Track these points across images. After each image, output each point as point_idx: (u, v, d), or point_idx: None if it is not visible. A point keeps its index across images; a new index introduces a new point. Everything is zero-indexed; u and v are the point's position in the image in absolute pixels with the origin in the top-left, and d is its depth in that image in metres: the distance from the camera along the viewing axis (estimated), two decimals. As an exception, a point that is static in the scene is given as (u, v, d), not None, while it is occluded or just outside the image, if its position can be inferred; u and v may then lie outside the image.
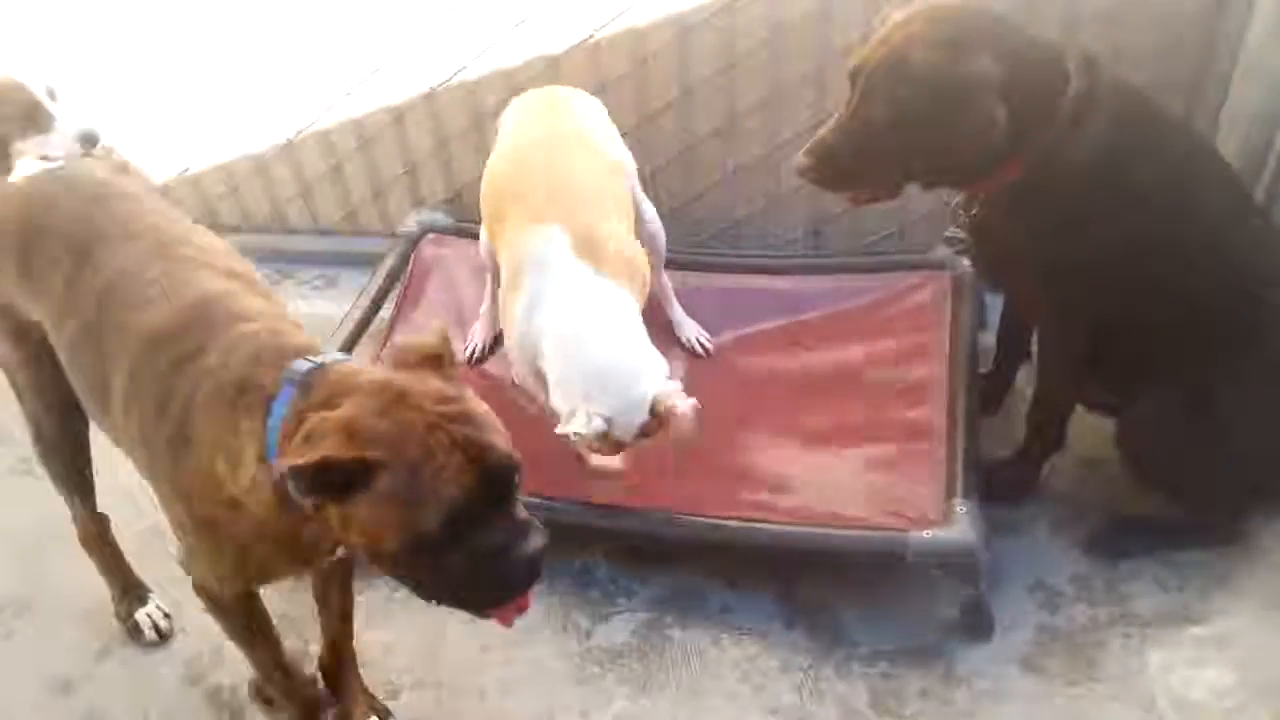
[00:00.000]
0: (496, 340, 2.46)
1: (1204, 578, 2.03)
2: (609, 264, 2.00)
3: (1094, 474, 2.20)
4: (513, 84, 2.64)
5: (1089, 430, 2.16)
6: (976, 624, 1.97)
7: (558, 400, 1.97)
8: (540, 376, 2.01)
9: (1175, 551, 2.06)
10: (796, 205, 2.65)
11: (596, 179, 2.10)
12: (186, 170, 2.98)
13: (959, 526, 1.91)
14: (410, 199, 2.90)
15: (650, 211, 2.37)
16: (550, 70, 2.60)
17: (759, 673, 1.96)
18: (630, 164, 2.30)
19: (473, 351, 2.50)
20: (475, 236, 2.76)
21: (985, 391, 2.32)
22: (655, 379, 1.94)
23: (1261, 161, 2.11)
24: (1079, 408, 2.13)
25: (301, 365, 1.40)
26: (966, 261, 2.41)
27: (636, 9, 2.49)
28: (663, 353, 2.03)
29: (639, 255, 2.09)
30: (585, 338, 1.95)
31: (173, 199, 3.00)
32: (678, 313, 2.49)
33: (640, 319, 2.03)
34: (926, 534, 1.92)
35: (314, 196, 2.98)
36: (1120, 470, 2.06)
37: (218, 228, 2.99)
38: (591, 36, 2.54)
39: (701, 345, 2.45)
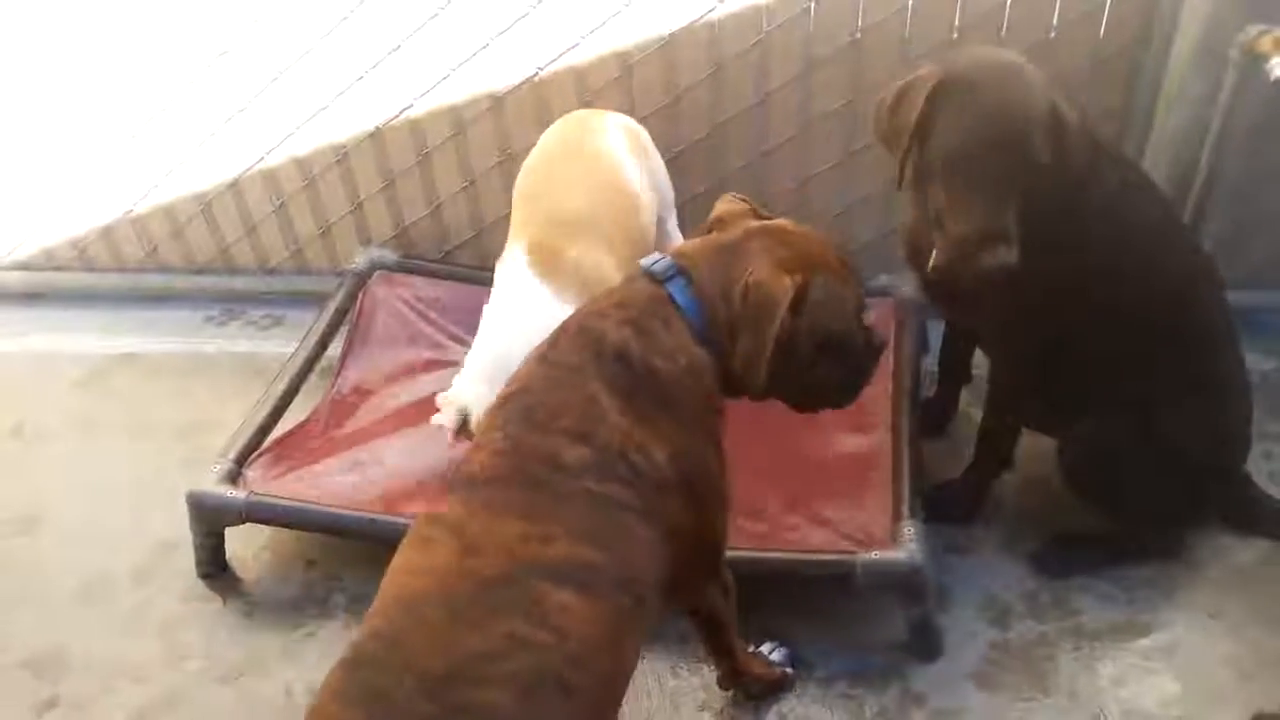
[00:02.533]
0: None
1: (1148, 591, 2.09)
2: (559, 278, 2.03)
3: (1037, 492, 2.25)
4: (458, 120, 2.66)
5: (1031, 449, 2.21)
6: (926, 643, 2.00)
7: (458, 381, 2.03)
8: None
9: (1119, 567, 2.11)
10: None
11: (585, 203, 2.12)
12: (130, 211, 2.94)
13: (906, 547, 1.94)
14: (358, 236, 2.90)
15: (678, 242, 2.39)
16: (495, 108, 2.62)
17: (718, 699, 1.96)
18: (655, 195, 2.31)
19: None
20: (423, 273, 2.81)
21: (929, 414, 2.37)
22: None
23: (1188, 184, 2.19)
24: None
25: (657, 264, 1.55)
26: (907, 288, 2.47)
27: (579, 50, 2.52)
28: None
29: (608, 280, 2.10)
30: (499, 327, 2.06)
31: (113, 239, 3.01)
32: None
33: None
34: (874, 555, 1.94)
35: (260, 235, 2.96)
36: (1063, 488, 2.12)
37: (163, 269, 3.05)
38: (537, 74, 2.57)
39: None
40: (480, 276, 2.79)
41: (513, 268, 2.09)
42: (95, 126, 2.83)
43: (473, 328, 2.61)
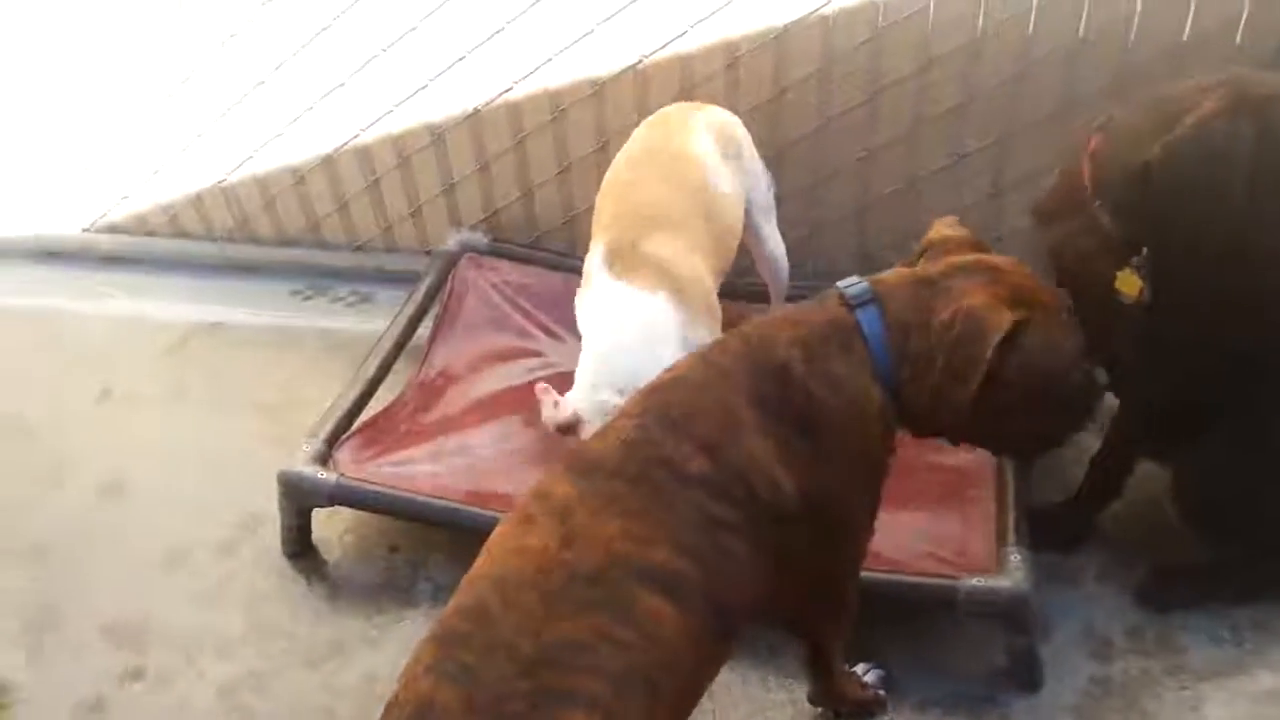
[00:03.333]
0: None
1: (1259, 630, 1.99)
2: (636, 275, 1.99)
3: (1142, 522, 2.15)
4: (556, 105, 2.62)
5: (1137, 476, 2.13)
6: (1027, 674, 1.93)
7: (572, 394, 2.00)
8: None
9: (1228, 602, 2.03)
10: (844, 234, 2.63)
11: (664, 199, 2.07)
12: (223, 180, 2.94)
13: (1012, 574, 1.87)
14: (448, 218, 2.87)
15: (772, 244, 2.36)
16: (596, 95, 2.58)
17: (807, 716, 1.92)
18: (744, 192, 2.25)
19: None
20: (513, 258, 2.78)
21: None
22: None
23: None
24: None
25: (853, 288, 1.50)
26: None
27: (686, 39, 2.46)
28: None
29: (686, 273, 2.05)
30: (596, 333, 2.01)
31: (204, 207, 3.02)
32: None
33: (668, 323, 2.00)
34: (978, 581, 1.87)
35: (350, 211, 2.94)
36: (1172, 518, 2.03)
37: (252, 239, 3.05)
38: (640, 61, 2.51)
39: None
40: (569, 264, 2.76)
41: (597, 269, 2.05)
42: (192, 94, 2.83)
43: (560, 316, 2.62)
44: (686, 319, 1.98)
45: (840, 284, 1.54)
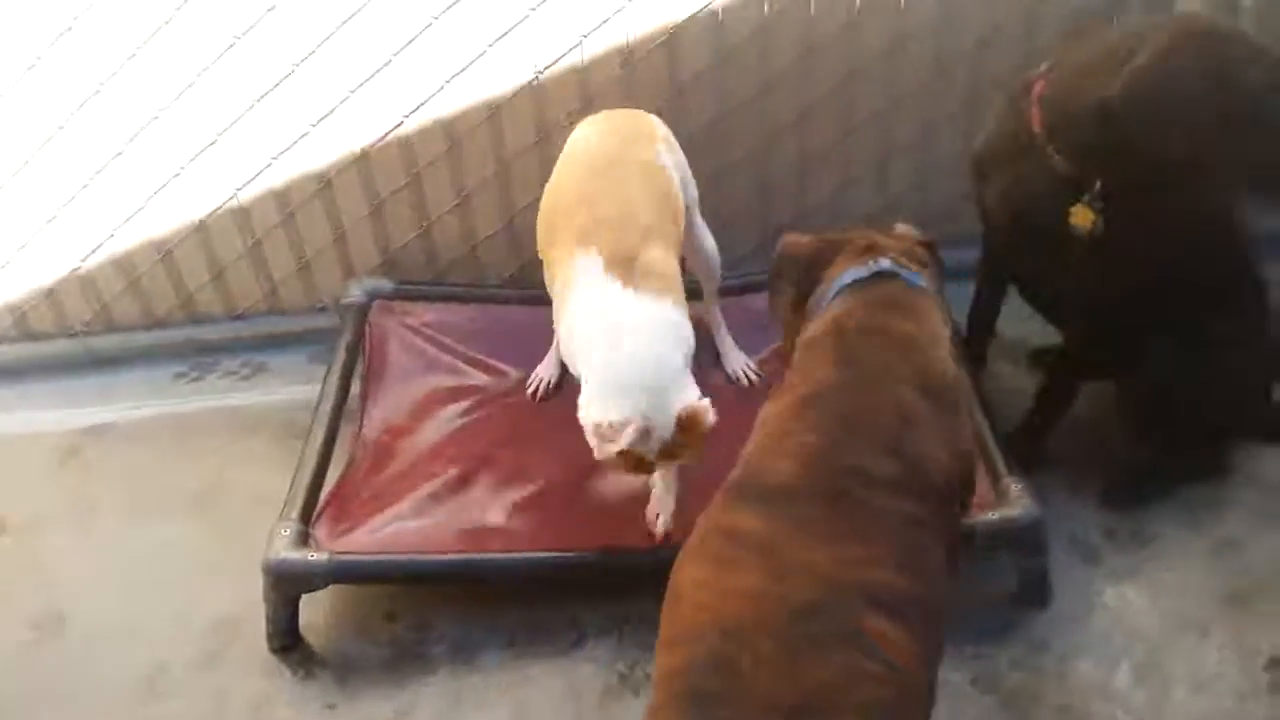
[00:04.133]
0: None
1: (1210, 507, 2.23)
2: (647, 282, 1.97)
3: (1084, 436, 2.35)
4: (451, 134, 2.54)
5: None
6: (1039, 592, 2.07)
7: (590, 413, 1.92)
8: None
9: (1180, 488, 2.26)
10: (748, 222, 2.71)
11: (647, 206, 2.06)
12: (77, 268, 2.66)
13: (1019, 503, 2.00)
14: (340, 269, 2.72)
15: (707, 238, 2.37)
16: (492, 117, 2.52)
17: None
18: (687, 190, 2.26)
19: (536, 388, 2.44)
20: (425, 298, 2.68)
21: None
22: (682, 386, 1.92)
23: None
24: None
25: (885, 267, 1.61)
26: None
27: (579, 49, 2.46)
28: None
29: (677, 277, 2.06)
30: (610, 342, 1.93)
31: (57, 301, 2.71)
32: (726, 343, 2.48)
33: (682, 328, 1.99)
34: (992, 515, 1.99)
35: (227, 279, 2.73)
36: (1116, 427, 2.26)
37: (114, 328, 2.76)
38: (536, 77, 2.48)
39: (748, 376, 2.44)
40: (481, 294, 2.72)
41: (595, 279, 2.00)
42: (29, 179, 2.54)
43: (488, 348, 2.57)
44: (688, 322, 1.99)
45: (872, 267, 1.61)
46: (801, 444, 1.39)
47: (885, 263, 1.62)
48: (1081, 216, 1.92)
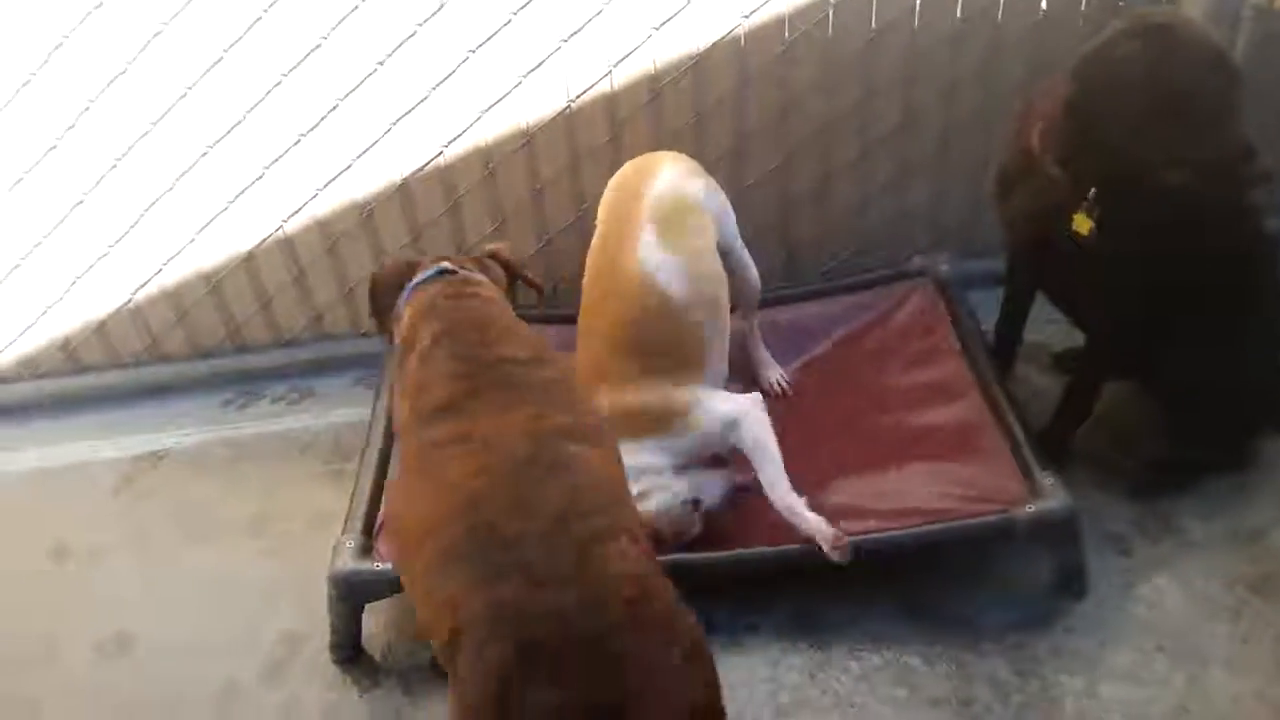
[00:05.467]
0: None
1: (1237, 492, 2.31)
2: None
3: (1105, 432, 2.43)
4: (488, 161, 2.64)
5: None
6: (1077, 583, 2.14)
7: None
8: None
9: (1206, 480, 2.33)
10: (771, 239, 2.80)
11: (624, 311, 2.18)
12: (128, 302, 2.75)
13: (1055, 496, 2.08)
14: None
15: (749, 268, 2.45)
16: (528, 145, 2.62)
17: (908, 672, 2.05)
18: (725, 225, 2.35)
19: None
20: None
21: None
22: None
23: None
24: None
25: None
26: (944, 267, 2.66)
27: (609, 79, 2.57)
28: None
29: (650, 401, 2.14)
30: None
31: (108, 334, 2.80)
32: (763, 358, 2.56)
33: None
34: (1030, 508, 2.06)
35: (274, 308, 2.83)
36: (1142, 422, 2.36)
37: (163, 358, 2.85)
38: (568, 106, 2.59)
39: (781, 386, 2.53)
40: (524, 313, 2.79)
41: None
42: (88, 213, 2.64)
43: None
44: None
45: (437, 267, 1.92)
46: (445, 367, 1.66)
47: (445, 264, 1.91)
48: (1081, 224, 2.01)
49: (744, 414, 2.13)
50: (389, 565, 2.08)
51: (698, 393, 2.16)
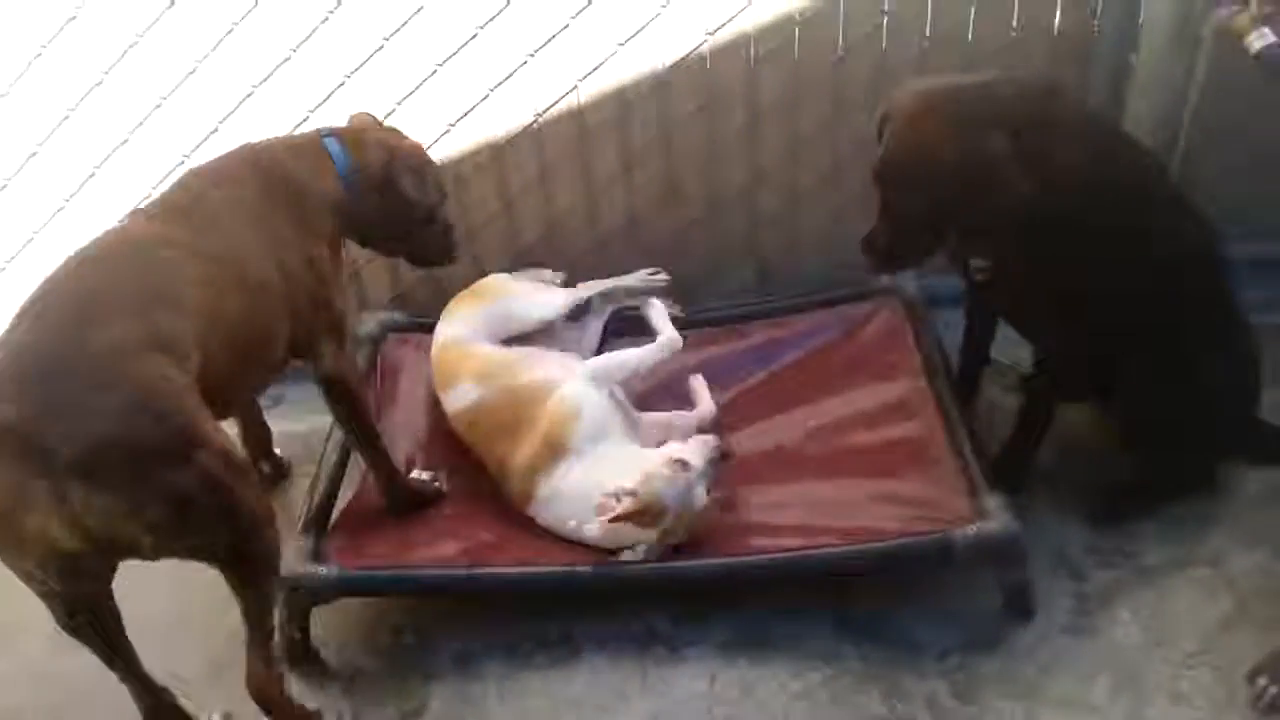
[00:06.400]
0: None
1: (1199, 522, 2.28)
2: None
3: (1067, 455, 2.42)
4: (458, 174, 2.68)
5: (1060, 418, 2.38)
6: (1022, 605, 2.13)
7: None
8: None
9: (1164, 507, 2.31)
10: (741, 256, 2.82)
11: None
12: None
13: (998, 518, 2.06)
14: (355, 304, 2.86)
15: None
16: (495, 156, 2.66)
17: (846, 690, 2.05)
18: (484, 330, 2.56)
19: None
20: (432, 331, 2.79)
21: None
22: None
23: (1167, 161, 2.44)
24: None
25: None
26: (910, 287, 2.66)
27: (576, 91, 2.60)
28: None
29: None
30: None
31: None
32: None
33: None
34: (971, 530, 2.05)
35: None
36: (1102, 447, 2.34)
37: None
38: (536, 120, 2.62)
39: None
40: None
41: None
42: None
43: None
44: None
45: None
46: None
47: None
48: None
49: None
50: (335, 569, 2.11)
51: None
